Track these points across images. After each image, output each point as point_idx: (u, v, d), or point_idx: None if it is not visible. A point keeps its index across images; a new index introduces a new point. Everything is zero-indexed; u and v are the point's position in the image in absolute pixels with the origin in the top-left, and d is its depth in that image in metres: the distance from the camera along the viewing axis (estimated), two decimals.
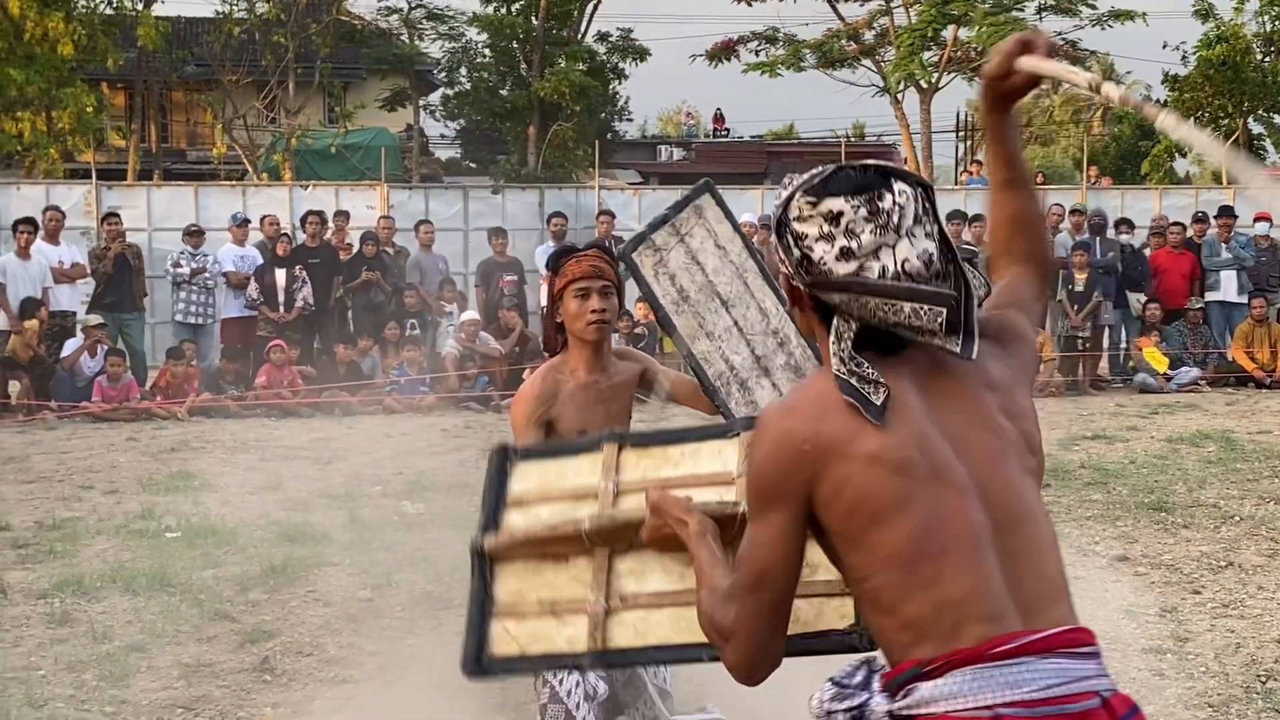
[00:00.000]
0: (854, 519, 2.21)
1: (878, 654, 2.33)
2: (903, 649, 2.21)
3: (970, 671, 2.12)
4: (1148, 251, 17.49)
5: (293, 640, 6.35)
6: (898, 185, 2.24)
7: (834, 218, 2.24)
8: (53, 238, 15.17)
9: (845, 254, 2.23)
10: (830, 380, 2.26)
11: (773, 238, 2.37)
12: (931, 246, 2.24)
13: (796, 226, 2.29)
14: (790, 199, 2.32)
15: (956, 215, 17.19)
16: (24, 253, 14.48)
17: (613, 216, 17.67)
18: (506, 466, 3.28)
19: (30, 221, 14.82)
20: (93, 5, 28.15)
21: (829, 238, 2.25)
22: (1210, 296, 17.10)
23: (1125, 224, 17.87)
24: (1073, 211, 17.74)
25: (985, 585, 2.18)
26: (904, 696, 2.18)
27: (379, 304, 16.14)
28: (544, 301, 16.63)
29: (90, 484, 10.35)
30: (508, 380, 15.35)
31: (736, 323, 4.02)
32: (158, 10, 29.63)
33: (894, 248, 2.22)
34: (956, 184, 30.56)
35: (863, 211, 2.22)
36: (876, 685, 2.24)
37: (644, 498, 2.84)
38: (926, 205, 2.26)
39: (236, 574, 7.49)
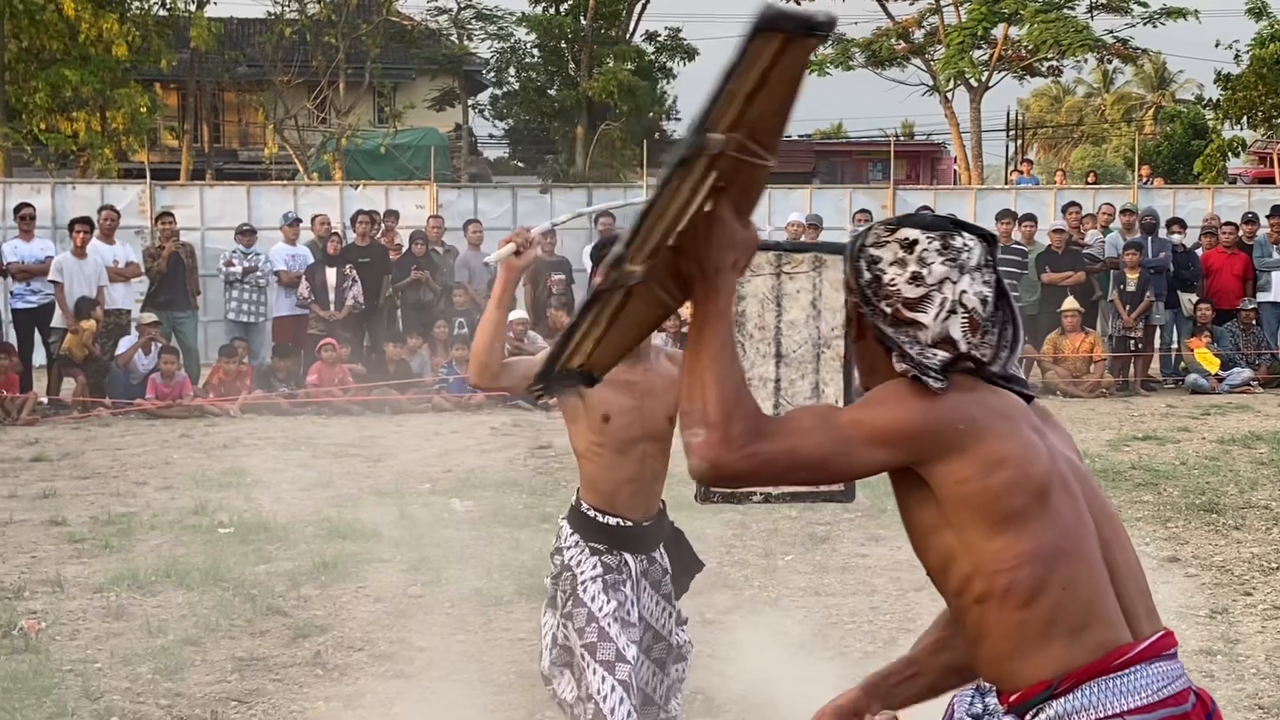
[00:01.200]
0: (1013, 496, 2.31)
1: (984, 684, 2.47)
2: (1025, 651, 2.31)
3: (1096, 684, 2.28)
4: (1200, 252, 17.34)
5: (344, 635, 6.42)
6: (966, 234, 2.44)
7: (909, 245, 2.42)
8: (108, 237, 15.34)
9: (915, 279, 2.40)
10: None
11: (846, 265, 2.46)
12: (989, 293, 2.44)
13: (872, 251, 2.44)
14: (869, 229, 2.48)
15: (1006, 215, 17.11)
16: (80, 251, 14.65)
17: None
18: None
19: (86, 221, 14.99)
20: (146, 6, 28.43)
21: (901, 263, 2.41)
22: (1262, 297, 16.93)
23: (1177, 224, 17.72)
24: (1124, 211, 17.62)
25: (1104, 592, 2.33)
26: (1034, 716, 2.31)
27: (428, 303, 16.24)
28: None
29: (144, 480, 10.47)
30: None
31: (779, 380, 3.82)
32: (210, 11, 29.89)
33: (957, 284, 2.40)
34: (1006, 183, 30.41)
35: (936, 244, 2.41)
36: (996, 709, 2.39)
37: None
38: (988, 258, 2.45)
39: (288, 569, 7.57)
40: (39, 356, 15.13)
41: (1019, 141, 43.75)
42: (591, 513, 4.10)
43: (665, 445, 4.11)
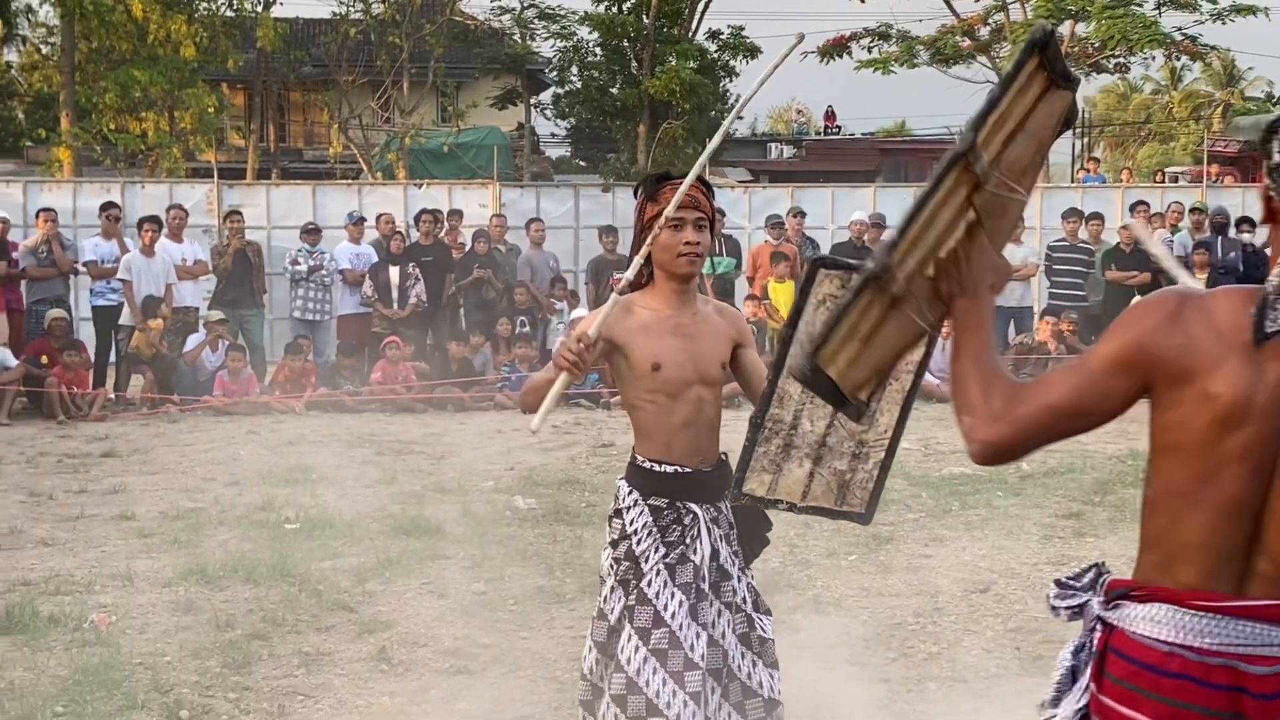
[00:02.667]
0: (1176, 432, 2.43)
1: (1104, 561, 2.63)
2: (1139, 553, 2.50)
3: (1167, 608, 2.41)
4: (1269, 251, 17.10)
5: (409, 631, 6.46)
6: None
7: None
8: (176, 235, 15.52)
9: None
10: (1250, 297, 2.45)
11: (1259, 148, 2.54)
12: None
13: None
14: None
15: (1072, 213, 16.97)
16: (149, 250, 14.82)
17: (723, 214, 17.65)
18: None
19: (155, 220, 15.16)
20: (214, 7, 28.73)
21: None
22: None
23: (1247, 222, 17.49)
24: (1193, 210, 17.43)
25: (1224, 543, 2.39)
26: (1113, 608, 2.50)
27: (490, 301, 16.31)
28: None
29: (212, 476, 10.59)
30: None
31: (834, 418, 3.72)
32: (276, 12, 30.16)
33: None
34: (1073, 181, 30.12)
35: None
36: (1100, 590, 2.54)
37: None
38: None
39: (353, 565, 7.63)
40: (114, 354, 15.36)
41: (1085, 139, 43.31)
42: (648, 464, 3.95)
43: (718, 391, 4.01)
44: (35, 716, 5.26)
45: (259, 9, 29.42)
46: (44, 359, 14.12)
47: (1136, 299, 15.87)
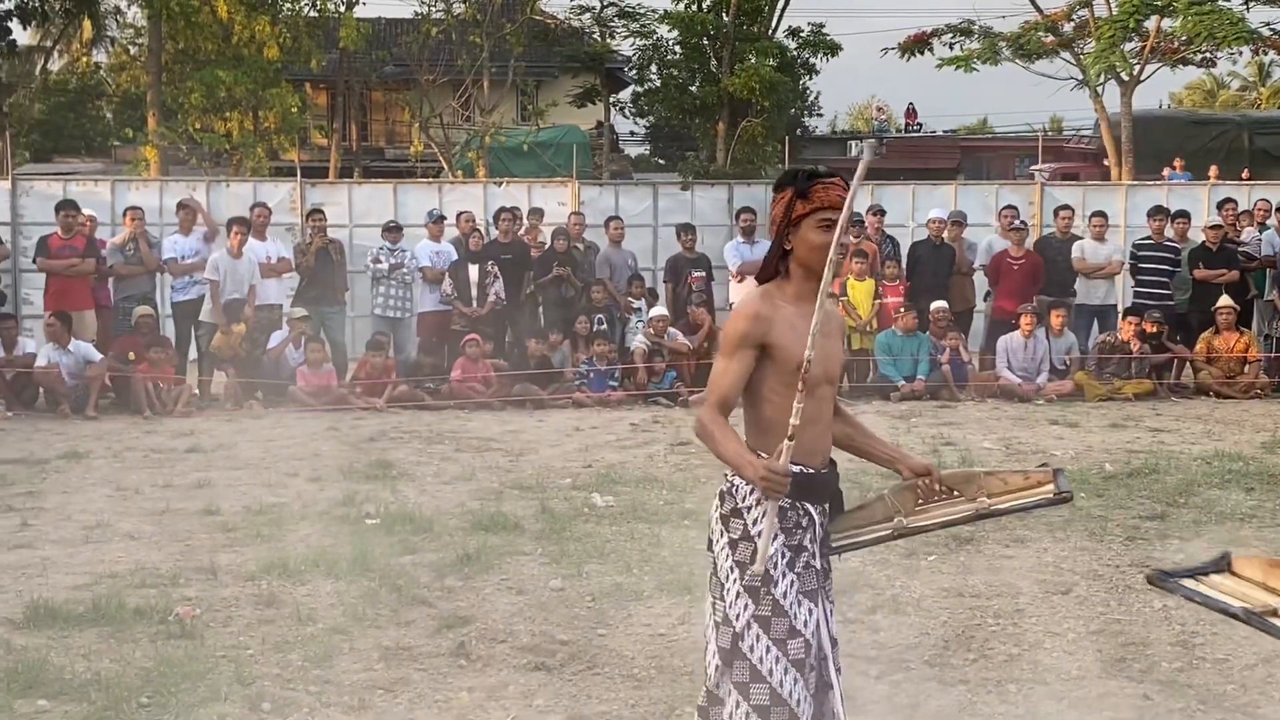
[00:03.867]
0: None
1: None
2: None
3: None
4: None
5: (487, 627, 6.49)
6: None
7: None
8: (260, 234, 15.70)
9: None
10: None
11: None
12: None
13: None
14: None
15: (1158, 211, 16.72)
16: (236, 251, 15.01)
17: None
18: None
19: (243, 221, 15.34)
20: (297, 8, 29.03)
21: None
22: None
23: None
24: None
25: None
26: None
27: (569, 299, 16.35)
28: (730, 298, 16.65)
29: (294, 471, 10.70)
30: (696, 376, 15.42)
31: None
32: (359, 12, 30.42)
33: None
34: (1158, 178, 29.68)
35: None
36: None
37: None
38: None
39: (433, 561, 7.68)
40: (194, 350, 15.59)
41: None
42: None
43: (835, 389, 4.02)
44: (121, 707, 5.34)
45: (342, 9, 29.69)
46: (130, 355, 14.36)
47: (1224, 298, 15.63)
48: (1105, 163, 29.31)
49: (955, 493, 4.09)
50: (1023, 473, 4.07)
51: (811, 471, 3.93)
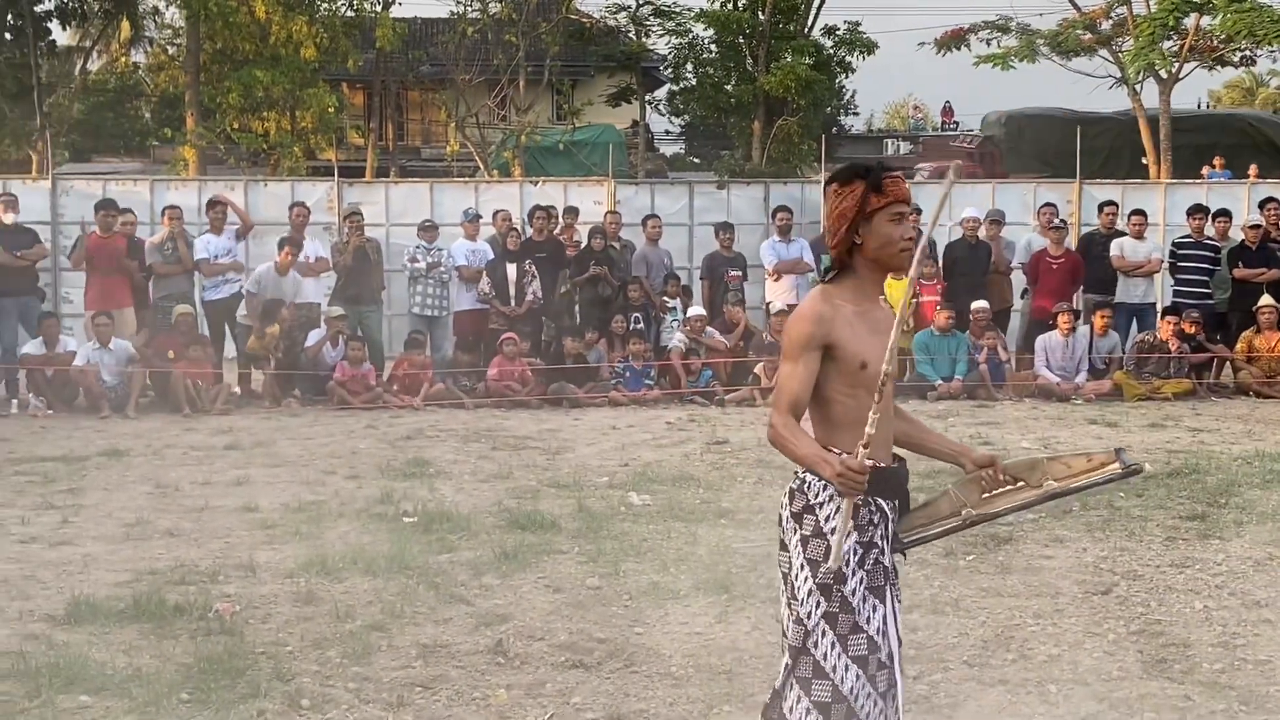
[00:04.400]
0: None
1: None
2: None
3: None
4: None
5: (524, 624, 6.50)
6: None
7: None
8: (299, 232, 15.79)
9: None
10: None
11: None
12: None
13: None
14: None
15: (1198, 209, 16.60)
16: (283, 270, 15.11)
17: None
18: None
19: (296, 243, 15.40)
20: (334, 8, 29.15)
21: None
22: None
23: None
24: None
25: None
26: None
27: (606, 298, 16.36)
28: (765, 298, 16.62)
29: (332, 469, 10.75)
30: (732, 375, 15.41)
31: None
32: (395, 12, 30.52)
33: None
34: (1198, 177, 29.47)
35: None
36: None
37: None
38: None
39: (470, 559, 7.70)
40: (229, 348, 15.69)
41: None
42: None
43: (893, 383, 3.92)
44: (161, 702, 5.38)
45: (378, 9, 29.80)
46: (170, 354, 14.45)
47: (1265, 297, 15.51)
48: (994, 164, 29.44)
49: (1019, 482, 4.05)
50: (1085, 454, 4.04)
51: (883, 466, 3.90)
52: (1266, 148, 30.81)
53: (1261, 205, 16.99)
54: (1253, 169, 25.29)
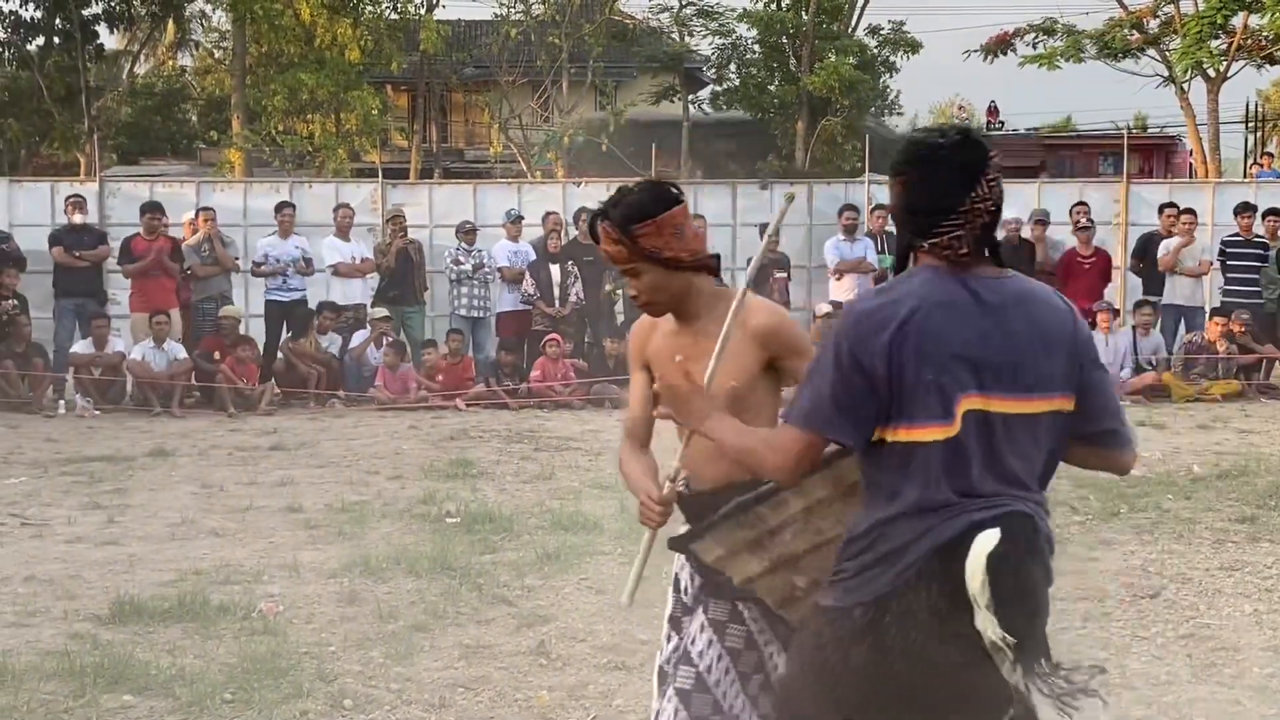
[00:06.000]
0: None
1: None
2: None
3: None
4: None
5: (567, 626, 6.49)
6: None
7: None
8: (344, 234, 15.86)
9: None
10: None
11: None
12: None
13: None
14: None
15: (1246, 208, 16.43)
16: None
17: (886, 209, 17.49)
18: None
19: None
20: (378, 10, 29.26)
21: None
22: None
23: None
24: None
25: None
26: None
27: None
28: (809, 299, 16.57)
29: (376, 469, 10.78)
30: None
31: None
32: (439, 14, 30.61)
33: None
34: (1245, 176, 29.20)
35: None
36: None
37: None
38: None
39: (513, 559, 7.69)
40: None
41: (1259, 134, 41.92)
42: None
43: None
44: (205, 703, 5.39)
45: (422, 12, 29.89)
46: (215, 354, 14.53)
47: None
48: None
49: None
50: None
51: (698, 491, 3.65)
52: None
53: None
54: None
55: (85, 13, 30.40)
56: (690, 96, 35.92)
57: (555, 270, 15.88)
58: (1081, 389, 3.03)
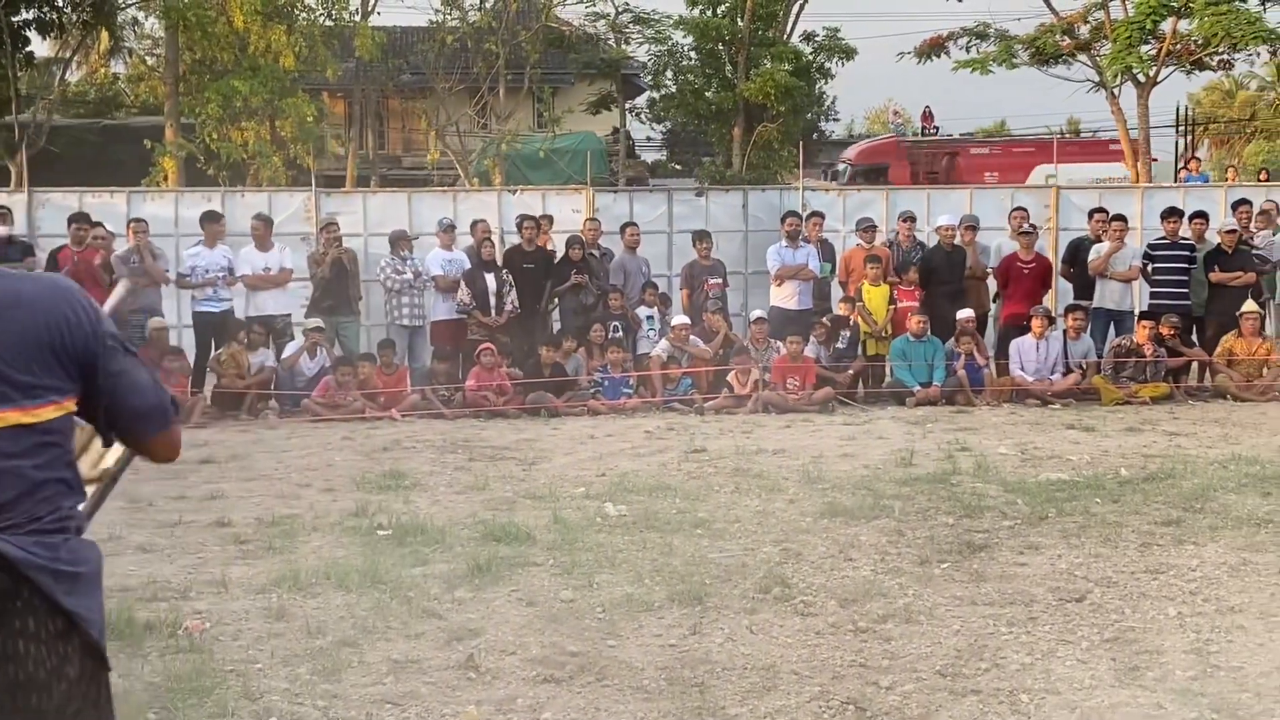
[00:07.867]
0: None
1: None
2: None
3: None
4: None
5: (497, 639, 6.46)
6: None
7: None
8: (261, 244, 15.76)
9: None
10: None
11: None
12: None
13: None
14: None
15: (1172, 212, 16.63)
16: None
17: (822, 217, 17.59)
18: None
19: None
20: (313, 17, 29.07)
21: None
22: None
23: None
24: None
25: None
26: None
27: (588, 306, 16.34)
28: (746, 304, 16.61)
29: (308, 482, 10.71)
30: (712, 382, 15.39)
31: None
32: (374, 21, 30.46)
33: None
34: (1175, 180, 29.58)
35: None
36: None
37: None
38: None
39: (443, 572, 7.66)
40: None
41: (1189, 138, 42.47)
42: None
43: None
44: None
45: (357, 18, 29.73)
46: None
47: (1249, 303, 15.54)
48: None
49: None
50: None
51: None
52: None
53: (1235, 208, 17.02)
54: (1230, 171, 25.34)
55: (14, 19, 30.00)
56: (628, 103, 35.98)
57: (491, 279, 15.84)
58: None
